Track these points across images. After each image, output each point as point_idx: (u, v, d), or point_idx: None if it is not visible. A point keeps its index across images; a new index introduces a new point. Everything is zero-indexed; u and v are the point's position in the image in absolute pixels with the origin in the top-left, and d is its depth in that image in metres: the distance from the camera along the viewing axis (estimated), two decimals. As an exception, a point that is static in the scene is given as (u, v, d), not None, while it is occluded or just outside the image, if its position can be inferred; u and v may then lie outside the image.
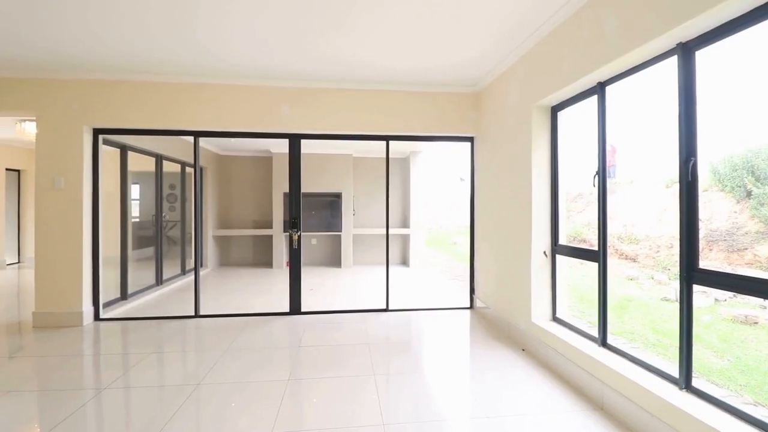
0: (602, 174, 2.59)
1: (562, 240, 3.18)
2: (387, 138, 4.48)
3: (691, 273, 1.94)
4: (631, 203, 7.54)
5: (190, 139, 4.39)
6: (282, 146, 7.10)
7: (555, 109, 3.17)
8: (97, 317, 4.14)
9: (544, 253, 3.20)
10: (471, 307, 4.61)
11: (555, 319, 3.17)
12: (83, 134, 3.99)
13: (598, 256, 2.58)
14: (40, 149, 3.94)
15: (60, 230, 3.94)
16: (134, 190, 5.39)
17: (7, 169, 7.80)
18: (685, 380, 1.97)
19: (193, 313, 4.29)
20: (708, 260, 5.25)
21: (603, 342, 2.55)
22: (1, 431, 2.13)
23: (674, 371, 2.04)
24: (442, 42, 3.22)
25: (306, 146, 4.47)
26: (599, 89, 2.57)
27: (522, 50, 3.29)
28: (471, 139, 4.59)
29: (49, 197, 3.94)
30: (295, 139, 4.36)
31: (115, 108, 4.01)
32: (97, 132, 4.12)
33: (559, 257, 3.17)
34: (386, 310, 4.48)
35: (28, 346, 3.40)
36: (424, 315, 4.36)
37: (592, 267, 2.66)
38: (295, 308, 4.38)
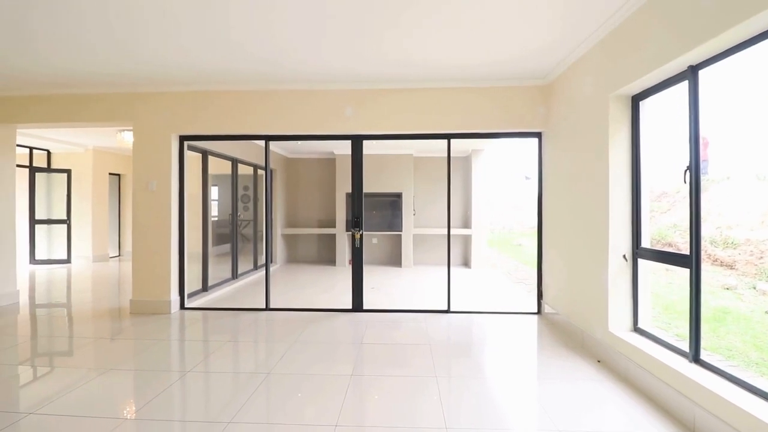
0: (695, 169, 2.30)
1: (645, 243, 2.89)
2: (449, 136, 4.41)
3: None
4: (728, 202, 6.65)
5: (262, 142, 4.68)
6: (344, 148, 7.30)
7: (636, 99, 2.88)
8: (182, 306, 4.58)
9: (624, 257, 2.93)
10: (538, 312, 4.37)
11: (636, 329, 2.89)
12: (171, 141, 4.44)
13: (690, 261, 2.30)
14: (137, 156, 4.46)
15: (152, 228, 4.42)
16: (213, 192, 5.88)
17: (109, 174, 8.93)
18: (804, 408, 1.68)
19: (264, 306, 4.57)
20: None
21: (695, 357, 2.27)
22: (105, 403, 2.43)
23: (789, 397, 1.75)
24: (510, 32, 3.08)
25: (367, 147, 4.55)
26: (690, 74, 2.29)
27: (598, 35, 3.05)
28: (539, 135, 4.35)
29: (143, 198, 4.44)
30: (357, 141, 4.46)
31: (198, 116, 4.40)
32: (182, 139, 4.56)
33: (641, 262, 2.88)
34: (447, 311, 4.41)
35: (126, 330, 3.86)
36: (486, 318, 4.22)
37: (680, 274, 2.38)
38: (357, 305, 4.48)
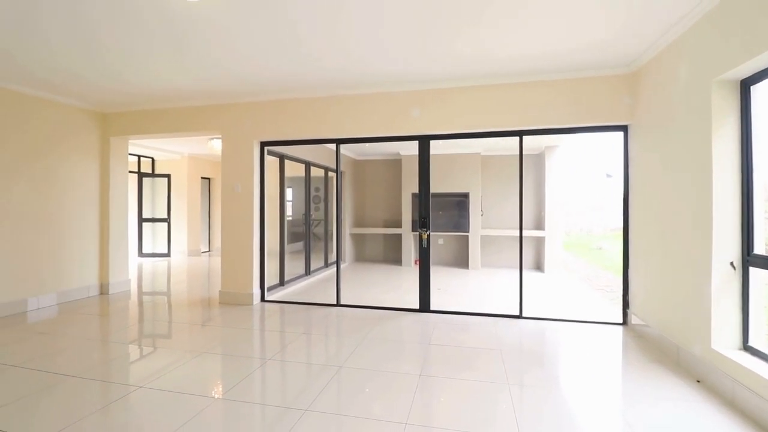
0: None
1: (759, 249, 2.50)
2: (521, 133, 4.22)
3: None
4: None
5: (333, 146, 4.89)
6: (410, 148, 7.34)
7: (746, 83, 2.51)
8: (262, 299, 4.95)
9: (731, 264, 2.57)
10: (624, 323, 4.00)
11: (746, 347, 2.51)
12: (253, 147, 4.82)
13: (821, 271, 1.94)
14: (224, 161, 4.91)
15: (238, 226, 4.85)
16: (288, 193, 6.27)
17: (201, 178, 9.95)
18: None
19: (334, 302, 4.77)
20: None
21: (829, 386, 1.92)
22: (199, 383, 2.72)
23: None
24: (591, 17, 2.87)
25: (434, 147, 4.52)
26: (824, 50, 1.94)
27: (696, 13, 2.71)
28: (624, 128, 3.98)
29: (230, 199, 4.88)
30: (424, 141, 4.46)
31: (275, 123, 4.73)
32: (263, 144, 4.94)
33: (753, 270, 2.50)
34: (519, 316, 4.22)
35: (215, 318, 4.27)
36: (563, 326, 3.96)
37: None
38: (424, 306, 4.48)
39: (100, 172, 5.38)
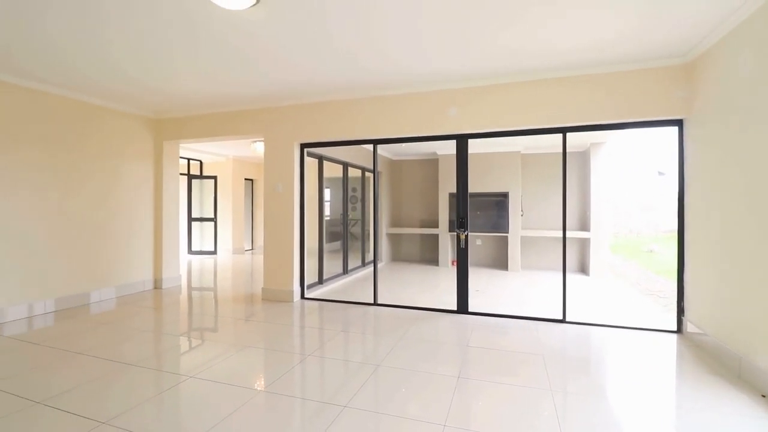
0: None
1: (840, 253, 2.25)
2: (564, 130, 4.05)
3: None
4: None
5: (370, 146, 4.94)
6: (447, 148, 7.26)
7: (827, 70, 2.27)
8: (302, 296, 5.09)
9: (805, 269, 2.33)
10: (678, 330, 3.74)
11: (825, 362, 2.27)
12: (294, 149, 4.97)
13: None
14: (266, 162, 5.10)
15: (279, 225, 5.02)
16: (326, 193, 6.40)
17: (245, 179, 10.38)
18: None
19: (372, 301, 4.81)
20: None
21: None
22: (243, 375, 2.84)
23: None
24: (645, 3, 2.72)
25: (472, 145, 4.44)
26: None
27: (767, -2, 2.48)
28: (678, 123, 3.72)
29: (272, 200, 5.06)
30: (462, 140, 4.40)
31: (315, 125, 4.85)
32: (303, 146, 5.07)
33: (833, 277, 2.26)
34: (563, 321, 4.06)
35: (257, 314, 4.43)
36: (610, 332, 3.76)
37: None
38: (462, 307, 4.42)
39: (154, 175, 5.76)
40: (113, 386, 2.63)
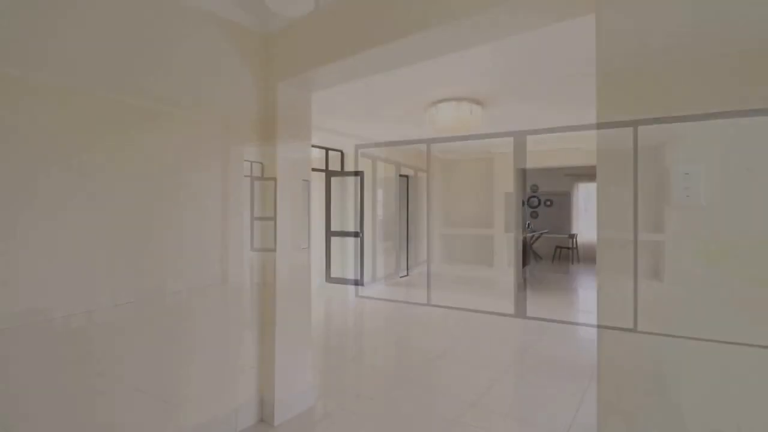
0: None
1: None
2: (635, 123, 3.73)
3: None
4: None
5: (423, 146, 4.91)
6: (503, 146, 7.02)
7: None
8: (357, 294, 5.22)
9: None
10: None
11: None
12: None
13: None
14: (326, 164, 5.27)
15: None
16: (379, 194, 6.47)
17: (302, 180, 10.80)
18: None
19: (425, 302, 4.81)
20: None
21: None
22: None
23: None
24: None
25: (530, 143, 4.26)
26: None
27: None
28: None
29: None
30: (520, 137, 4.23)
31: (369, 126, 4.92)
32: (357, 147, 5.19)
33: None
34: (633, 330, 3.74)
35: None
36: (688, 345, 3.40)
37: None
38: (520, 311, 4.25)
39: (222, 180, 6.18)
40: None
